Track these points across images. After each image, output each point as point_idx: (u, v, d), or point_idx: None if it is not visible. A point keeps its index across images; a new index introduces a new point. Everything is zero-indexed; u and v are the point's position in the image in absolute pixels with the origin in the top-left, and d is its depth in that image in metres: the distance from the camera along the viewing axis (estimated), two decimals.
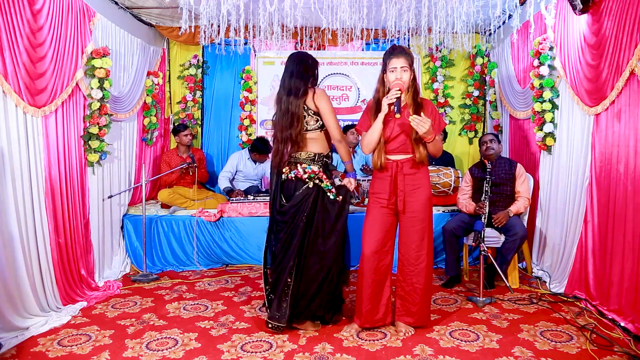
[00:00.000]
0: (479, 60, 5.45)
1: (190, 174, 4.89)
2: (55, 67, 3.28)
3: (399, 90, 2.70)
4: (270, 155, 5.15)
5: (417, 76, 3.03)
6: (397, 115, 2.70)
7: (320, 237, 2.95)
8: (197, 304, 3.50)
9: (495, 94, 5.26)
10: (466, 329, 2.97)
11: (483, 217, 3.67)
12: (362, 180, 4.72)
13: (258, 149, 5.08)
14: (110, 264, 4.23)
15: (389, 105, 2.72)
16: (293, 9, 3.46)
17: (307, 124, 2.98)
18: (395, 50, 2.79)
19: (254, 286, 3.89)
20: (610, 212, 3.08)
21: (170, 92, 5.65)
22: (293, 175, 2.99)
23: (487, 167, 3.84)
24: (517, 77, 4.57)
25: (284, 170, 3.04)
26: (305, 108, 2.96)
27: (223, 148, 5.78)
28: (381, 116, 2.76)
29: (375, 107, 2.85)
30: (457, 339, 2.82)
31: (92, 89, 3.73)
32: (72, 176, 3.58)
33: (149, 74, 4.88)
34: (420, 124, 2.65)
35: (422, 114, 2.76)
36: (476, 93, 5.60)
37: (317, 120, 2.99)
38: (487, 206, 3.73)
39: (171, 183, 4.92)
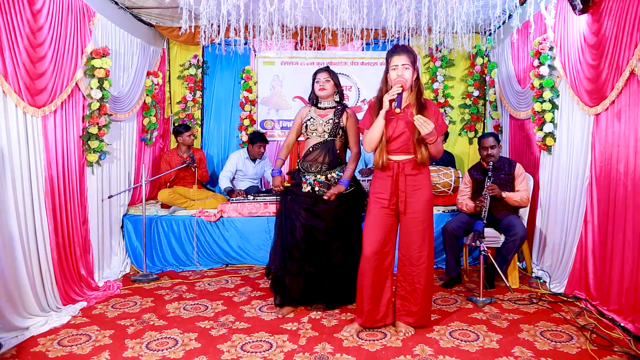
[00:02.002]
0: (479, 60, 5.45)
1: (192, 170, 4.89)
2: (55, 67, 3.28)
3: (401, 86, 2.70)
4: (264, 148, 5.21)
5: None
6: (397, 110, 2.69)
7: None
8: (197, 304, 3.50)
9: (495, 94, 5.26)
10: (466, 329, 2.97)
11: (483, 211, 3.65)
12: (362, 181, 4.72)
13: (257, 137, 5.10)
14: (110, 264, 4.23)
15: (390, 101, 2.72)
16: (293, 9, 3.46)
17: None
18: (398, 49, 2.81)
19: (254, 286, 3.89)
20: (610, 212, 3.08)
21: (170, 92, 5.65)
22: None
23: (487, 170, 3.83)
24: (517, 77, 4.57)
25: None
26: None
27: (223, 148, 5.78)
28: (382, 113, 2.77)
29: (377, 105, 2.86)
30: (457, 339, 2.82)
31: (91, 89, 3.72)
32: (71, 176, 3.57)
33: (148, 74, 4.88)
34: (424, 124, 2.66)
35: (426, 115, 2.78)
36: (476, 93, 5.60)
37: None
38: (487, 199, 3.71)
39: (171, 183, 4.92)
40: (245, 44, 5.17)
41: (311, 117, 3.34)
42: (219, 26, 3.83)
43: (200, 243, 4.46)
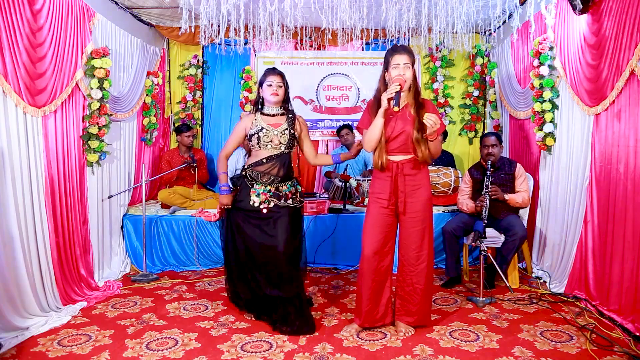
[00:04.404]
0: (479, 60, 5.45)
1: (192, 172, 4.89)
2: (55, 67, 3.28)
3: (399, 85, 2.70)
4: None
5: (417, 76, 3.01)
6: (396, 109, 2.69)
7: None
8: (197, 304, 3.50)
9: (495, 94, 5.26)
10: (466, 329, 2.97)
11: (483, 211, 3.65)
12: (363, 181, 4.72)
13: None
14: (110, 264, 4.23)
15: (389, 100, 2.72)
16: (293, 9, 3.46)
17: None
18: (399, 48, 2.82)
19: None
20: (610, 212, 3.08)
21: (170, 92, 5.65)
22: None
23: (486, 170, 3.83)
24: (517, 77, 4.57)
25: None
26: None
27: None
28: (381, 112, 2.76)
29: (375, 104, 2.86)
30: (457, 339, 2.82)
31: (91, 89, 3.72)
32: (71, 176, 3.57)
33: (148, 74, 4.88)
34: (435, 126, 2.65)
35: (424, 114, 2.79)
36: (476, 93, 5.60)
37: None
38: (487, 199, 3.69)
39: (171, 183, 4.92)
40: (245, 44, 5.18)
41: (262, 128, 3.05)
42: (219, 26, 3.83)
43: (200, 243, 4.46)
